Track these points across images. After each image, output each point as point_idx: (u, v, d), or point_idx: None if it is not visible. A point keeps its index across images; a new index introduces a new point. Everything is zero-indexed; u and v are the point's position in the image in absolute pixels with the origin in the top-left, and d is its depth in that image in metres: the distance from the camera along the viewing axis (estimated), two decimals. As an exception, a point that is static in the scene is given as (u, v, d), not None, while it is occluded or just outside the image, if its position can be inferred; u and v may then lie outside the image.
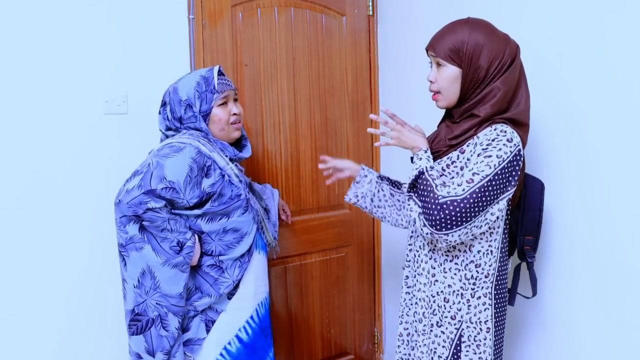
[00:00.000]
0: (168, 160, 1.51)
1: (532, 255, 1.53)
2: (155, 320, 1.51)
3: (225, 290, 1.63)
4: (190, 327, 1.62)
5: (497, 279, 1.44)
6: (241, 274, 1.65)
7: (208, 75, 1.64)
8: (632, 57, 1.45)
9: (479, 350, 1.42)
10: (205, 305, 1.62)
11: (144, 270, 1.49)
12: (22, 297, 1.83)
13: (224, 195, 1.60)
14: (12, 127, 1.80)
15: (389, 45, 2.49)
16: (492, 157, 1.30)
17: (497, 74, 1.36)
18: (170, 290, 1.51)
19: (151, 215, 1.47)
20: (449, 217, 1.27)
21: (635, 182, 1.46)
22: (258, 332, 1.71)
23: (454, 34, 1.38)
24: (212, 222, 1.60)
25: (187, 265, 1.54)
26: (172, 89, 1.67)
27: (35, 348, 1.85)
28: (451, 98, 1.42)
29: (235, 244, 1.64)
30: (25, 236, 1.83)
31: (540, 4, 1.70)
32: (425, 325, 1.50)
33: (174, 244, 1.51)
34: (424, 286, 1.50)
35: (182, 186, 1.50)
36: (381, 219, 1.77)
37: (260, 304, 1.73)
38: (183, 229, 1.54)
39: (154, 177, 1.47)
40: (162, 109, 1.69)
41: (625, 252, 1.50)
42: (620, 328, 1.52)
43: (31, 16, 1.81)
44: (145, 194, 1.45)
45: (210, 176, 1.58)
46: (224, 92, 1.64)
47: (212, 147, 1.62)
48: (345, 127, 2.50)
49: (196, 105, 1.62)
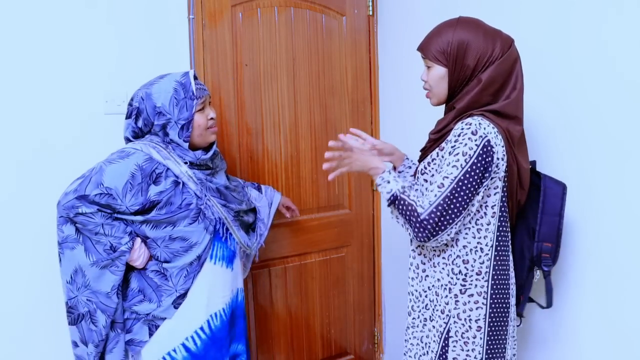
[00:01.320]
0: (110, 166, 1.53)
1: (549, 263, 1.50)
2: (85, 316, 1.56)
3: (168, 299, 1.60)
4: (133, 329, 1.63)
5: (494, 279, 1.43)
6: (187, 283, 1.62)
7: (185, 81, 1.60)
8: (634, 53, 1.45)
9: (467, 348, 1.42)
10: (146, 311, 1.61)
11: (76, 268, 1.53)
12: (20, 296, 1.84)
13: (172, 204, 1.57)
14: (12, 126, 1.80)
15: (388, 45, 2.49)
16: (458, 155, 1.33)
17: (486, 69, 1.38)
18: (99, 288, 1.54)
19: (82, 219, 1.51)
20: (432, 227, 1.33)
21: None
22: (209, 344, 1.67)
23: (439, 36, 1.43)
24: (156, 229, 1.58)
25: (118, 268, 1.55)
26: (145, 95, 1.60)
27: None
28: (440, 96, 1.48)
29: (182, 253, 1.61)
30: (25, 236, 1.84)
31: (539, 2, 1.70)
32: (415, 319, 1.53)
33: (107, 247, 1.53)
34: (412, 280, 1.54)
35: (121, 192, 1.52)
36: None
37: (214, 315, 1.68)
38: (120, 233, 1.54)
39: (91, 183, 1.51)
40: (131, 114, 1.64)
41: (637, 259, 1.48)
42: (632, 339, 1.51)
43: (31, 16, 1.81)
44: (77, 199, 1.50)
45: (160, 183, 1.56)
46: (202, 98, 1.62)
47: (168, 153, 1.58)
48: (345, 127, 2.49)
49: (173, 113, 1.58)
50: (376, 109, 2.57)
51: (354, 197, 2.55)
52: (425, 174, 1.47)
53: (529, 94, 1.65)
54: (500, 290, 1.45)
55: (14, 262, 1.83)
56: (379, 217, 2.61)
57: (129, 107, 1.65)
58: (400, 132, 2.45)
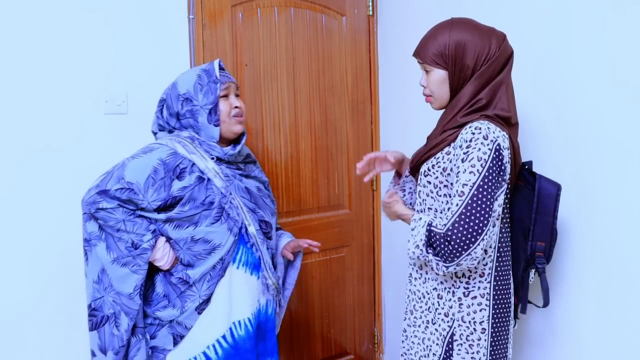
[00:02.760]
0: (133, 161, 1.51)
1: (542, 261, 1.50)
2: (110, 318, 1.50)
3: (192, 305, 1.55)
4: (157, 335, 1.58)
5: (495, 280, 1.43)
6: (211, 288, 1.56)
7: (209, 68, 1.61)
8: (630, 53, 1.45)
9: (472, 350, 1.42)
10: (169, 317, 1.56)
11: (103, 267, 1.50)
12: (18, 296, 1.84)
13: (195, 200, 1.53)
14: (12, 126, 1.80)
15: (388, 45, 2.50)
16: (473, 160, 1.31)
17: (484, 67, 1.38)
18: (121, 289, 1.49)
19: (103, 215, 1.48)
20: (458, 239, 1.29)
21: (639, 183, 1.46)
22: (232, 353, 1.59)
23: (435, 39, 1.41)
24: (179, 229, 1.53)
25: (140, 267, 1.50)
26: (171, 85, 1.63)
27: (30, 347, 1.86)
28: (443, 99, 1.45)
29: (204, 256, 1.55)
30: (24, 236, 1.83)
31: (540, 2, 1.70)
32: (417, 319, 1.52)
33: (129, 245, 1.49)
34: (414, 280, 1.53)
35: (142, 187, 1.49)
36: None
37: (237, 323, 1.60)
38: (142, 230, 1.50)
39: (113, 178, 1.49)
40: (158, 107, 1.66)
41: (633, 258, 1.48)
42: (634, 341, 1.51)
43: (31, 16, 1.81)
44: (98, 194, 1.48)
45: (184, 179, 1.52)
46: (225, 83, 1.60)
47: (194, 148, 1.56)
48: (345, 127, 2.50)
49: (198, 99, 1.57)
50: (376, 109, 2.57)
51: (354, 197, 2.55)
52: (429, 175, 1.45)
53: (524, 94, 1.65)
54: (502, 291, 1.45)
55: (12, 263, 1.83)
56: (379, 217, 2.61)
57: (159, 101, 1.66)
58: (400, 132, 2.45)
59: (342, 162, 2.50)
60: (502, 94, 1.41)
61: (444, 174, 1.41)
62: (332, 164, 2.47)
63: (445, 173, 1.41)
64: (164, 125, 1.64)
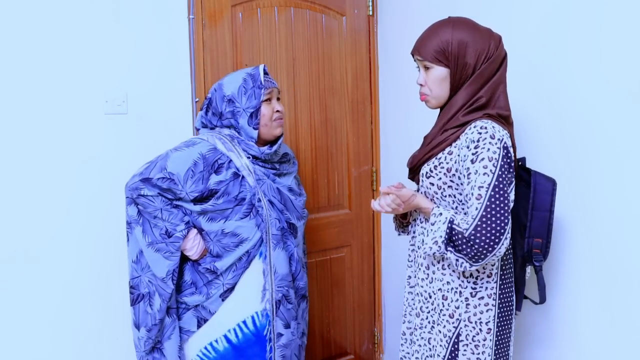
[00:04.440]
0: (176, 153, 1.61)
1: (539, 258, 1.50)
2: (145, 297, 1.61)
3: (215, 292, 1.64)
4: (183, 317, 1.67)
5: (501, 279, 1.43)
6: (235, 278, 1.64)
7: (254, 73, 1.68)
8: (624, 52, 1.45)
9: (478, 351, 1.41)
10: (195, 302, 1.65)
11: (140, 248, 1.61)
12: (17, 298, 1.84)
13: (229, 194, 1.62)
14: (12, 126, 1.80)
15: (388, 45, 2.50)
16: (484, 160, 1.31)
17: (484, 66, 1.38)
18: (156, 272, 1.59)
19: (143, 201, 1.58)
20: (482, 241, 1.29)
21: (637, 182, 1.46)
22: (252, 340, 1.67)
23: (437, 35, 1.40)
24: (212, 221, 1.63)
25: (172, 253, 1.59)
26: (217, 85, 1.71)
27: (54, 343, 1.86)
28: (441, 98, 1.43)
29: (232, 248, 1.63)
30: (23, 236, 1.83)
31: (535, 2, 1.71)
32: (423, 320, 1.50)
33: (163, 232, 1.58)
34: (421, 281, 1.50)
35: (182, 178, 1.58)
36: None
37: (260, 312, 1.67)
38: (177, 220, 1.59)
39: (156, 167, 1.59)
40: (204, 105, 1.73)
41: (633, 256, 1.48)
42: (629, 336, 1.51)
43: (31, 16, 1.81)
44: (141, 181, 1.58)
45: (221, 173, 1.62)
46: (269, 88, 1.68)
47: (232, 146, 1.65)
48: (345, 127, 2.50)
49: (241, 102, 1.65)
50: (376, 109, 2.57)
51: (354, 197, 2.55)
52: (432, 177, 1.43)
53: (519, 92, 1.66)
54: (506, 290, 1.45)
55: (13, 265, 1.83)
56: (379, 217, 2.61)
57: (204, 99, 1.75)
58: (400, 132, 2.45)
59: (342, 162, 2.50)
60: (501, 93, 1.41)
61: (448, 175, 1.40)
62: (332, 164, 2.47)
63: (450, 174, 1.40)
64: (207, 123, 1.73)
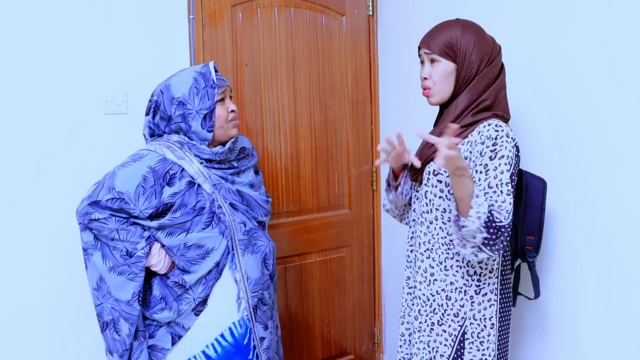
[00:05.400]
0: (122, 170, 1.52)
1: (532, 255, 1.53)
2: (109, 324, 1.53)
3: (186, 307, 1.55)
4: (156, 335, 1.59)
5: (502, 274, 1.45)
6: (206, 291, 1.56)
7: (205, 71, 1.57)
8: (630, 54, 1.45)
9: (483, 347, 1.42)
10: (167, 319, 1.57)
11: (101, 274, 1.52)
12: (15, 296, 1.84)
13: (187, 205, 1.53)
14: (12, 126, 1.80)
15: (388, 45, 2.50)
16: (503, 157, 1.33)
17: (487, 68, 1.41)
18: (120, 296, 1.51)
19: (96, 225, 1.49)
20: (507, 232, 1.31)
21: (634, 181, 1.46)
22: (232, 352, 1.59)
23: (448, 30, 1.42)
24: (171, 236, 1.54)
25: (136, 275, 1.51)
26: (164, 86, 1.59)
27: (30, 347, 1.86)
28: (445, 93, 1.44)
29: (199, 260, 1.55)
30: (23, 235, 1.83)
31: (535, 3, 1.71)
32: (422, 323, 1.50)
33: (123, 253, 1.50)
34: (420, 284, 1.50)
35: (133, 196, 1.49)
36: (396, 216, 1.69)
37: (237, 323, 1.60)
38: (136, 238, 1.51)
39: (104, 188, 1.50)
40: (149, 109, 1.62)
41: (625, 251, 1.49)
42: (623, 329, 1.52)
43: (31, 16, 1.81)
44: (90, 205, 1.49)
45: (174, 184, 1.52)
46: (222, 87, 1.58)
47: (182, 153, 1.55)
48: (345, 127, 2.50)
49: (193, 103, 1.54)
50: (376, 109, 2.57)
51: (354, 197, 2.55)
52: (440, 174, 1.44)
53: (515, 91, 1.66)
54: (506, 285, 1.47)
55: (13, 266, 1.83)
56: (379, 217, 2.61)
57: (148, 102, 1.63)
58: (400, 132, 2.44)
59: (342, 162, 2.50)
60: (502, 97, 1.44)
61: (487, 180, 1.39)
62: (332, 164, 2.47)
63: None
64: (154, 128, 1.63)
